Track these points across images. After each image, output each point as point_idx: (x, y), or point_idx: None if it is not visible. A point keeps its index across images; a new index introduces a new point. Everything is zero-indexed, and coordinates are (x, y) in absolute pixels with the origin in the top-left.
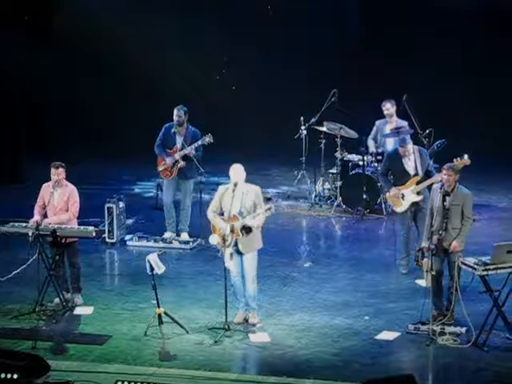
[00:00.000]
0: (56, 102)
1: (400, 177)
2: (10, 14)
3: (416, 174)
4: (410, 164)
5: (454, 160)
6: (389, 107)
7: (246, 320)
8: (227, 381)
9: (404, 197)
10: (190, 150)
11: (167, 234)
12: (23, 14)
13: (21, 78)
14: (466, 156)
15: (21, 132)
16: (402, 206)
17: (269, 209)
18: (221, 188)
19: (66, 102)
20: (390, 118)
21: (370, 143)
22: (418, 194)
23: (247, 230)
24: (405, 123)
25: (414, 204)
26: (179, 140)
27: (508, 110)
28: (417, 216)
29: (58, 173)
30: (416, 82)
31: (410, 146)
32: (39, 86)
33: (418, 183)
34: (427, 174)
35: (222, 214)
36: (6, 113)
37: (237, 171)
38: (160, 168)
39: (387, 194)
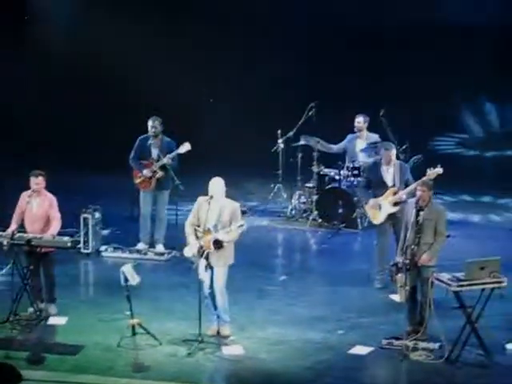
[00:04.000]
0: (30, 114)
1: (378, 187)
2: None
3: (393, 186)
4: (389, 176)
5: (428, 170)
6: (360, 121)
7: (219, 332)
8: None
9: (381, 208)
10: (167, 160)
11: (141, 245)
12: None
13: None
14: (438, 166)
15: None
16: (379, 218)
17: (241, 225)
18: (199, 199)
19: (40, 114)
20: (360, 133)
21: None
22: (395, 205)
23: (219, 244)
24: (375, 136)
25: (393, 216)
26: (155, 151)
27: None
28: (395, 229)
29: (37, 182)
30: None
31: (394, 153)
32: (12, 97)
33: (394, 194)
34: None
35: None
36: None
37: (214, 184)
38: (137, 180)
39: (366, 205)
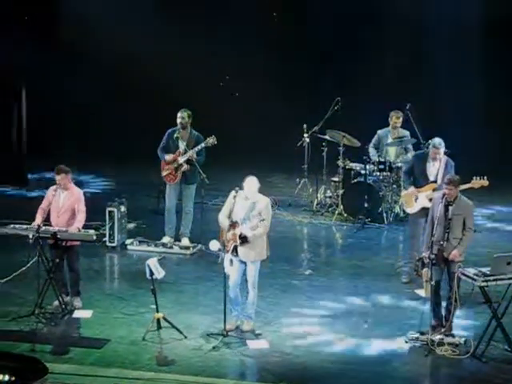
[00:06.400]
0: (55, 105)
1: (419, 179)
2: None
3: (434, 181)
4: (433, 170)
5: (474, 178)
6: (401, 121)
7: (237, 327)
8: None
9: (417, 199)
10: (191, 154)
11: (166, 239)
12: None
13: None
14: (485, 177)
15: (22, 134)
16: (412, 208)
17: (263, 220)
18: (232, 193)
19: (66, 104)
20: (395, 129)
21: (372, 152)
22: (431, 200)
23: (244, 238)
24: (407, 133)
25: (427, 211)
26: (182, 144)
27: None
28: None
29: (58, 179)
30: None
31: (442, 151)
32: (37, 88)
33: (434, 190)
34: None
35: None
36: (5, 113)
37: (248, 184)
38: (164, 173)
39: (404, 191)
